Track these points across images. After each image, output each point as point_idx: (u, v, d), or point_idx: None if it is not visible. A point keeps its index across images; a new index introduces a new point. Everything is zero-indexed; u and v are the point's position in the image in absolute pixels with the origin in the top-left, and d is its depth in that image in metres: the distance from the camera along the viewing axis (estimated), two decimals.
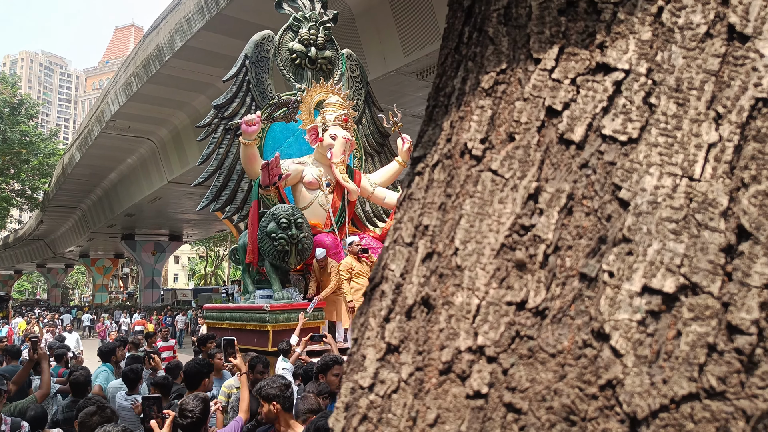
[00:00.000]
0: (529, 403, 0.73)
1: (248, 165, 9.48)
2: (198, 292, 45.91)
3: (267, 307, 8.45)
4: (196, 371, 5.38)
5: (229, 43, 18.60)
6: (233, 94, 10.13)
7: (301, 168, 10.01)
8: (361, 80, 11.50)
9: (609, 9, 0.82)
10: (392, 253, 0.95)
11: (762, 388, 0.68)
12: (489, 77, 0.89)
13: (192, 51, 19.79)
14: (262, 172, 9.00)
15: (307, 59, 10.67)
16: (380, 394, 0.85)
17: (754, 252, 0.71)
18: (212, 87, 22.43)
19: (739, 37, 0.76)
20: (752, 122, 0.74)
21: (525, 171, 0.82)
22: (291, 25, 10.76)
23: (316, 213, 9.96)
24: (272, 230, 8.61)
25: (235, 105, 10.13)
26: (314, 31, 10.73)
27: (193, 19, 18.62)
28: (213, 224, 42.64)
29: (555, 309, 0.74)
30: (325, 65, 10.89)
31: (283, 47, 10.63)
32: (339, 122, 9.93)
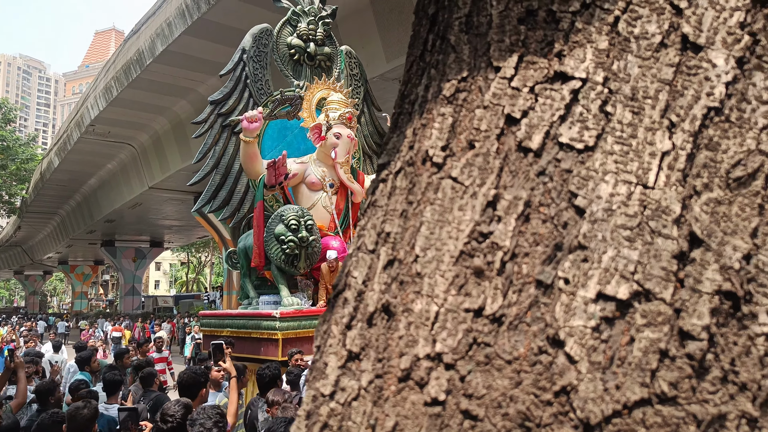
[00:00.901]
0: (486, 409, 0.73)
1: (248, 164, 8.94)
2: (180, 298, 45.50)
3: (277, 314, 7.87)
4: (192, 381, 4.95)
5: (211, 48, 18.53)
6: (230, 89, 9.62)
7: (303, 168, 9.49)
8: (360, 78, 10.85)
9: (567, 18, 0.83)
10: (355, 260, 0.95)
11: (713, 393, 0.69)
12: (450, 85, 0.90)
13: (173, 56, 19.68)
14: (267, 171, 8.52)
15: (306, 55, 10.23)
16: (341, 401, 0.85)
17: (706, 259, 0.72)
18: (194, 92, 22.32)
19: (692, 47, 0.78)
20: (705, 131, 0.76)
21: (484, 178, 0.82)
22: (289, 20, 10.28)
23: (319, 215, 9.43)
24: (281, 232, 8.13)
25: (233, 101, 9.66)
26: (313, 26, 10.29)
27: (174, 23, 18.52)
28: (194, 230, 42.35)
29: (511, 316, 0.75)
30: (324, 62, 10.44)
31: (281, 42, 10.16)
32: (343, 121, 9.33)
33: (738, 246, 0.73)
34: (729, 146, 0.75)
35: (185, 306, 40.55)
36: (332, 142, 9.23)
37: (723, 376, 0.70)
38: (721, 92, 0.76)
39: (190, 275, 62.90)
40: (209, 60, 19.32)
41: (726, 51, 0.77)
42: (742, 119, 0.76)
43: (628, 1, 0.81)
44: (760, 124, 0.76)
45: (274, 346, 7.97)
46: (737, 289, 0.71)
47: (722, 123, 0.76)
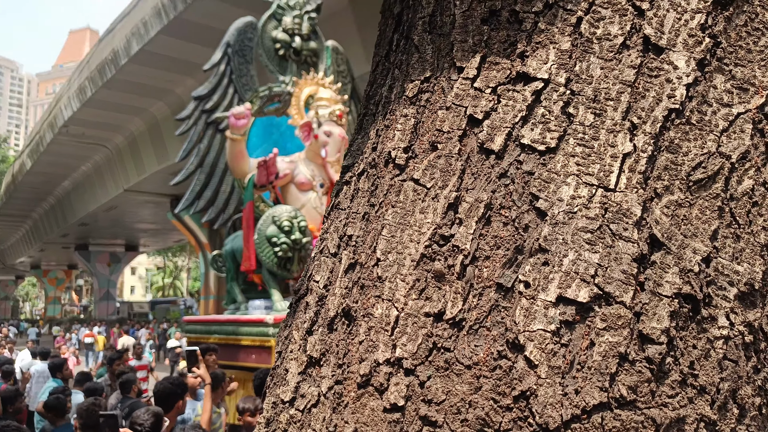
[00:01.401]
0: (445, 415, 0.71)
1: (235, 162, 8.57)
2: (155, 304, 44.94)
3: (270, 320, 7.46)
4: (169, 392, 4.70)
5: (188, 48, 18.36)
6: (215, 84, 9.25)
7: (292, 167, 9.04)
8: (347, 75, 10.56)
9: (530, 19, 0.82)
10: (317, 263, 0.93)
11: (671, 397, 0.69)
12: (413, 86, 0.89)
13: (149, 56, 19.45)
14: (258, 170, 8.12)
15: (292, 50, 9.85)
16: (300, 408, 0.83)
17: (666, 262, 0.72)
18: (170, 93, 22.09)
19: (654, 49, 0.77)
20: (666, 133, 0.75)
21: (446, 180, 0.81)
22: (274, 13, 9.93)
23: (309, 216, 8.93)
24: (273, 234, 7.77)
25: (217, 97, 9.26)
26: (299, 21, 9.92)
27: (150, 22, 18.32)
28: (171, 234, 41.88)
29: (471, 320, 0.73)
30: (309, 57, 10.07)
31: (265, 36, 9.78)
32: (333, 118, 8.93)
33: (698, 249, 0.72)
34: (690, 148, 0.75)
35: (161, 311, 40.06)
36: (323, 140, 8.81)
37: (682, 380, 0.69)
38: (682, 94, 0.76)
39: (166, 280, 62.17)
40: (186, 60, 19.13)
41: (687, 53, 0.77)
42: (703, 121, 0.75)
43: (590, 2, 0.80)
44: (720, 127, 0.76)
45: (266, 353, 7.57)
46: (697, 293, 0.71)
47: (683, 125, 0.75)
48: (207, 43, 17.51)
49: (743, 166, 0.75)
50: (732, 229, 0.74)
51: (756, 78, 0.77)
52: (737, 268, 0.73)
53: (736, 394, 0.72)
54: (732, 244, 0.74)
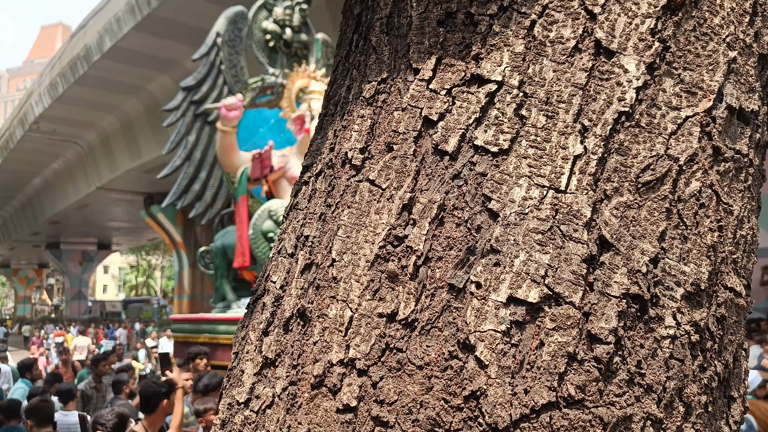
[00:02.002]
0: (396, 416, 0.72)
1: (225, 155, 8.34)
2: (128, 303, 44.37)
3: None
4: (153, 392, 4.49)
5: (161, 44, 18.14)
6: (204, 75, 9.03)
7: (284, 161, 8.91)
8: None
9: (485, 21, 0.83)
10: (275, 264, 0.93)
11: (619, 396, 0.70)
12: (371, 86, 0.89)
13: (122, 52, 19.19)
14: (253, 163, 7.99)
15: (282, 42, 9.73)
16: (255, 409, 0.83)
17: (615, 263, 0.73)
18: (144, 90, 21.83)
19: (605, 52, 0.78)
20: (616, 135, 0.76)
21: (401, 181, 0.81)
22: (265, 3, 9.78)
23: None
24: (269, 229, 7.58)
25: (206, 88, 9.02)
26: (290, 12, 9.81)
27: (123, 18, 18.07)
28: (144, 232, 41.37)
29: (424, 320, 0.74)
30: (300, 50, 9.98)
31: (256, 27, 9.59)
32: None
33: (646, 250, 0.74)
34: (639, 151, 0.76)
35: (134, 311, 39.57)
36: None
37: (629, 379, 0.71)
38: (632, 97, 0.77)
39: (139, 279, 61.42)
40: (160, 57, 18.91)
41: (637, 57, 0.78)
42: (652, 124, 0.77)
43: (544, 5, 0.81)
44: (669, 130, 0.77)
45: None
46: (644, 293, 0.72)
47: (632, 128, 0.76)
48: (181, 39, 17.34)
49: (691, 168, 0.77)
50: (679, 231, 0.75)
51: (704, 82, 0.79)
52: (684, 268, 0.75)
53: (682, 392, 0.73)
54: (679, 245, 0.75)
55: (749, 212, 0.83)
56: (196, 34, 17.26)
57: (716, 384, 0.77)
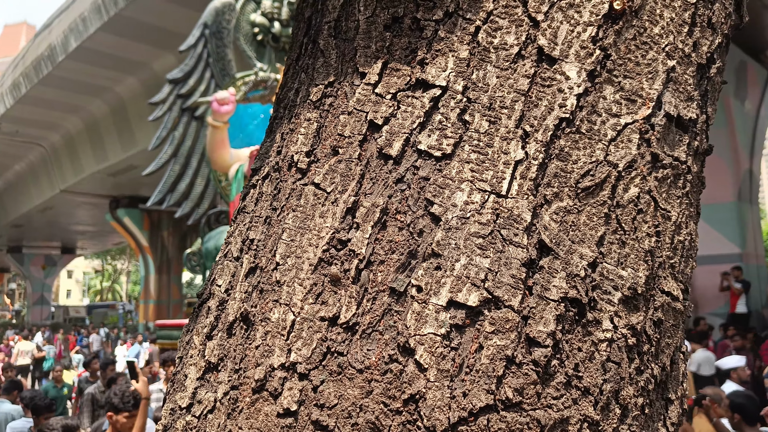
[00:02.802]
0: (336, 420, 0.71)
1: (215, 152, 8.00)
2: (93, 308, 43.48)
3: None
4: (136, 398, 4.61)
5: (128, 45, 17.87)
6: (191, 67, 8.68)
7: None
8: None
9: (431, 27, 0.83)
10: (220, 267, 0.92)
11: (556, 399, 0.71)
12: (318, 90, 0.89)
13: (88, 52, 18.84)
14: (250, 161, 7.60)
15: (270, 36, 9.46)
16: (196, 414, 0.82)
17: (554, 267, 0.74)
18: (110, 91, 21.46)
19: (547, 59, 0.80)
20: (556, 141, 0.77)
21: (346, 185, 0.81)
22: None
23: None
24: None
25: (193, 81, 8.67)
26: (278, 5, 9.55)
27: (89, 18, 17.75)
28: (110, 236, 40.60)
29: (365, 324, 0.74)
30: (288, 44, 9.96)
31: (243, 19, 9.26)
32: None
33: (584, 254, 0.75)
34: (579, 157, 0.77)
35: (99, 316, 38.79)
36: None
37: (567, 381, 0.71)
38: (572, 104, 0.78)
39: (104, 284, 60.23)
40: (127, 58, 18.62)
41: (579, 64, 0.79)
42: (592, 131, 0.78)
43: (489, 12, 0.82)
44: (608, 136, 0.78)
45: None
46: (582, 297, 0.73)
47: (573, 134, 0.78)
48: (148, 41, 17.10)
49: (630, 174, 0.78)
50: (618, 235, 0.77)
51: (643, 90, 0.81)
52: (622, 273, 0.76)
53: (618, 394, 0.74)
54: (617, 249, 0.76)
55: (687, 218, 0.85)
56: (164, 36, 17.04)
57: (653, 386, 0.78)
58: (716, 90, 0.92)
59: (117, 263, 57.15)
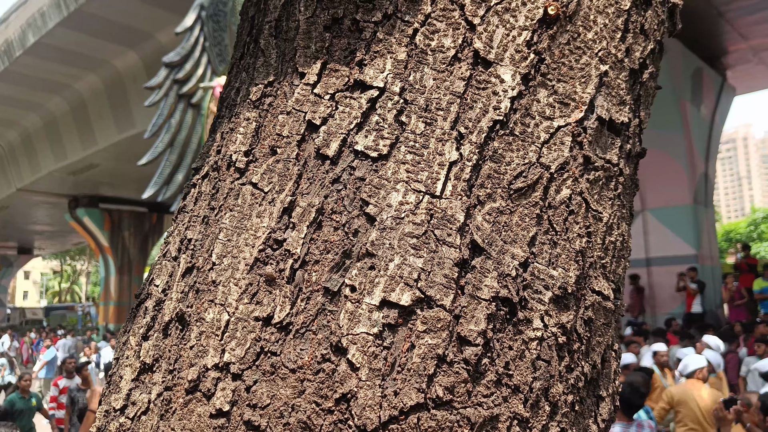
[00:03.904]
0: (268, 420, 0.71)
1: None
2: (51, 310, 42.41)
3: None
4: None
5: (89, 42, 17.48)
6: (188, 51, 8.26)
7: None
8: None
9: (370, 28, 0.84)
10: (158, 267, 0.91)
11: (487, 396, 0.72)
12: (257, 89, 0.88)
13: (46, 48, 18.38)
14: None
15: None
16: (130, 416, 0.81)
17: (486, 266, 0.75)
18: (69, 88, 20.97)
19: (482, 62, 0.81)
20: (490, 143, 0.79)
21: (283, 185, 0.81)
22: None
23: None
24: None
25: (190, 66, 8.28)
26: None
27: (48, 13, 17.32)
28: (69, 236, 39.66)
29: (298, 324, 0.74)
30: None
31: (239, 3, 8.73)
32: None
33: (516, 254, 0.76)
34: (512, 158, 0.79)
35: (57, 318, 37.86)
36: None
37: (497, 380, 0.73)
38: (507, 107, 0.79)
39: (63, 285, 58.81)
40: (87, 55, 18.22)
41: (513, 67, 0.81)
42: (526, 133, 0.79)
43: (426, 15, 0.83)
44: (541, 138, 0.80)
45: None
46: (513, 296, 0.74)
47: (507, 136, 0.79)
48: (110, 38, 16.76)
49: (562, 176, 0.80)
50: (549, 236, 0.78)
51: (576, 93, 0.82)
52: (552, 272, 0.78)
53: (548, 392, 0.76)
54: (549, 249, 0.78)
55: (619, 219, 0.87)
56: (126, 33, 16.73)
57: (583, 384, 0.80)
58: (649, 95, 0.95)
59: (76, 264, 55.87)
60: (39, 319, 40.94)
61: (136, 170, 22.37)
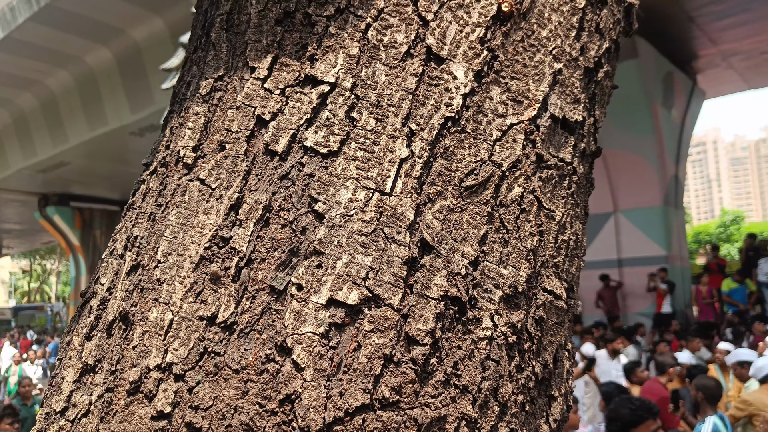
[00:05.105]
0: (210, 422, 0.69)
1: None
2: (19, 310, 41.52)
3: None
4: None
5: (60, 37, 17.16)
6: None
7: None
8: None
9: (322, 22, 0.82)
10: (105, 265, 0.88)
11: (434, 397, 0.71)
12: (207, 83, 0.86)
13: (16, 43, 17.99)
14: None
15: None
16: (70, 419, 0.78)
17: (435, 265, 0.74)
18: (40, 84, 20.57)
19: (435, 59, 0.80)
20: (442, 140, 0.78)
21: (231, 181, 0.79)
22: None
23: None
24: None
25: None
26: None
27: (18, 8, 16.96)
28: (39, 235, 38.90)
29: (243, 323, 0.72)
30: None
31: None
32: None
33: (466, 253, 0.75)
34: (464, 156, 0.78)
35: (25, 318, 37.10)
36: None
37: (445, 380, 0.72)
38: (459, 103, 0.78)
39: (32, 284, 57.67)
40: (58, 50, 17.89)
41: (466, 64, 0.80)
42: (478, 130, 0.79)
43: (380, 9, 0.81)
44: (494, 136, 0.79)
45: None
46: (462, 295, 0.74)
47: (458, 133, 0.78)
48: (81, 33, 16.50)
49: (514, 174, 0.79)
50: (500, 234, 0.78)
51: (530, 91, 0.82)
52: (503, 271, 0.77)
53: (497, 392, 0.75)
54: (499, 248, 0.77)
55: (573, 218, 0.87)
56: (97, 29, 16.45)
57: (534, 384, 0.80)
58: (605, 94, 0.94)
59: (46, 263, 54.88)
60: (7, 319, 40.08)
61: (108, 168, 22.03)
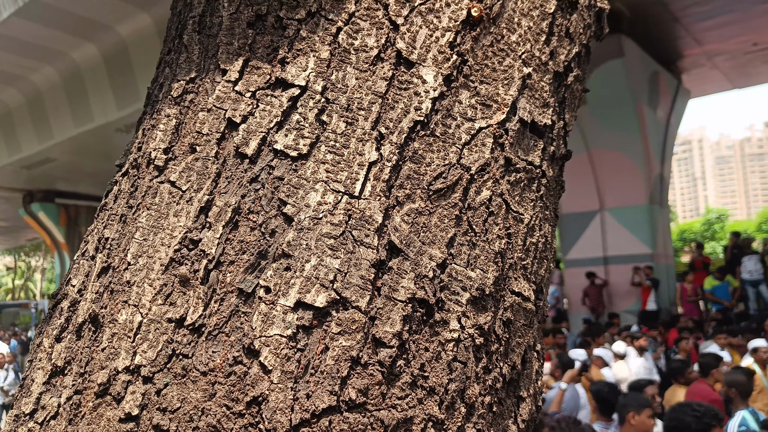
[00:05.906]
0: (177, 424, 0.70)
1: None
2: (3, 307, 41.12)
3: None
4: None
5: (45, 33, 16.98)
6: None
7: None
8: None
9: (293, 26, 0.83)
10: (76, 267, 0.88)
11: (401, 398, 0.71)
12: (179, 85, 0.87)
13: (1, 39, 17.79)
14: None
15: None
16: (39, 421, 0.78)
17: (403, 267, 0.75)
18: (25, 80, 20.36)
19: (405, 63, 0.80)
20: (411, 144, 0.78)
21: (201, 184, 0.79)
22: None
23: None
24: None
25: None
26: None
27: (2, 3, 16.76)
28: (23, 232, 38.54)
29: (211, 326, 0.72)
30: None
31: None
32: None
33: (434, 255, 0.76)
34: (432, 159, 0.78)
35: (9, 316, 36.76)
36: None
37: (412, 382, 0.72)
38: (428, 107, 0.79)
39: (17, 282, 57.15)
40: (43, 46, 17.70)
41: (436, 68, 0.80)
42: (446, 134, 0.79)
43: (351, 13, 0.82)
44: (462, 140, 0.80)
45: None
46: (430, 297, 0.74)
47: (427, 137, 0.79)
48: (67, 29, 16.37)
49: (482, 177, 0.80)
50: (468, 237, 0.78)
51: (499, 95, 0.83)
52: (470, 273, 0.78)
53: (464, 393, 0.76)
54: (467, 251, 0.78)
55: (542, 221, 0.88)
56: (84, 25, 16.30)
57: (501, 385, 0.81)
58: (575, 98, 0.96)
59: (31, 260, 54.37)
60: None
61: (93, 165, 21.83)
